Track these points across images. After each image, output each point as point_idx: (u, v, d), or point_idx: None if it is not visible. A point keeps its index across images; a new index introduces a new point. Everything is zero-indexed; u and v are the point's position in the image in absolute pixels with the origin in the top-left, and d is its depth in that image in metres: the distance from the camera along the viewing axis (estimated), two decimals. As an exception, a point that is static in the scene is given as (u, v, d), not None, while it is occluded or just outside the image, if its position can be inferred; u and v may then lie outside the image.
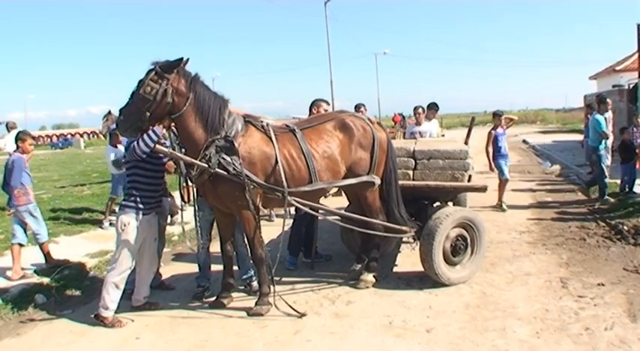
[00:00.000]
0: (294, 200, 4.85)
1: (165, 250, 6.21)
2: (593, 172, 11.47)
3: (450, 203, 6.39)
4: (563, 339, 4.05)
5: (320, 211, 5.44)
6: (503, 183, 9.34)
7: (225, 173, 4.54)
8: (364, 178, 5.16)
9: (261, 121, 4.97)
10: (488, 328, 4.30)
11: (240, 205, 4.69)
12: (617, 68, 25.60)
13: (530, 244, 6.81)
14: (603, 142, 10.53)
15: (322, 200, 5.80)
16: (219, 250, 5.21)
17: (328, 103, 6.53)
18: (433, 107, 9.23)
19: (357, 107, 9.22)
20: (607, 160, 10.54)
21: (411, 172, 5.89)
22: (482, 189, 5.51)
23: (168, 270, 6.29)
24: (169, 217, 6.85)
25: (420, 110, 8.95)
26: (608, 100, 10.29)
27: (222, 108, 4.68)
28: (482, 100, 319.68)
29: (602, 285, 5.17)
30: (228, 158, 4.54)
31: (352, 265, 5.71)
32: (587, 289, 5.10)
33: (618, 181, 9.69)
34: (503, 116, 9.72)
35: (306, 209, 5.04)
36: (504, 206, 9.22)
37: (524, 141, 25.88)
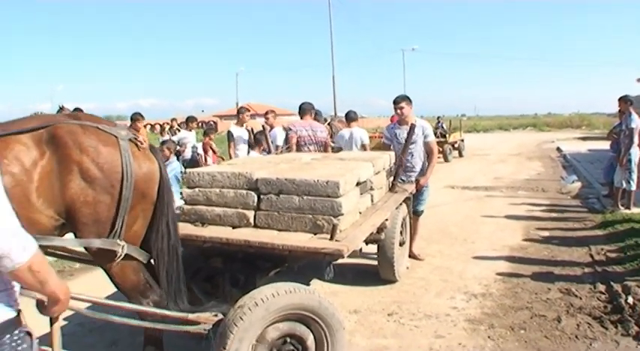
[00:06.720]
0: None
1: None
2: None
3: None
4: None
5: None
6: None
7: None
8: (95, 244, 2.75)
9: None
10: None
11: None
12: (670, 68, 22.26)
13: (470, 325, 4.30)
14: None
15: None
16: None
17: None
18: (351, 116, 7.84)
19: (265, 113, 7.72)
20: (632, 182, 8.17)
21: (251, 214, 3.66)
22: (336, 255, 3.18)
23: None
24: None
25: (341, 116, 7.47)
26: None
27: None
28: (531, 102, 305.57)
29: None
30: None
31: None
32: None
33: None
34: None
35: None
36: None
37: (558, 148, 22.80)
